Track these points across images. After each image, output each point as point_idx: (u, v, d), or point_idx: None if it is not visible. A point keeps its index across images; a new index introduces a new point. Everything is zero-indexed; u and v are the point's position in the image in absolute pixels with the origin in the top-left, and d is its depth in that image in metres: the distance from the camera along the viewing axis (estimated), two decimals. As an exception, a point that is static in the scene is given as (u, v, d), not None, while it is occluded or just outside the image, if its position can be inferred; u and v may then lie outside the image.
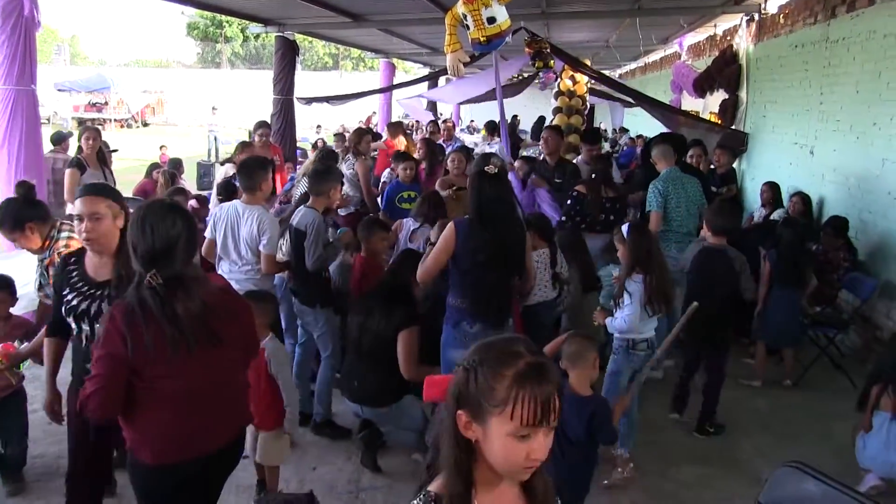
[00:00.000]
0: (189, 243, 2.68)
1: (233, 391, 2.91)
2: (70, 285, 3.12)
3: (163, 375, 2.58)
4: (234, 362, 2.88)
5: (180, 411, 2.65)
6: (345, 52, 52.16)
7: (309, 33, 14.10)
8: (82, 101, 36.31)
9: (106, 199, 3.10)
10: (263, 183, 4.87)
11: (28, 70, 6.48)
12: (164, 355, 2.53)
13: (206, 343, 2.62)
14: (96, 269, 3.14)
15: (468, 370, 1.57)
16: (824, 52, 7.76)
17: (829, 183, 7.50)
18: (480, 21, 5.55)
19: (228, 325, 2.74)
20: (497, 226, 3.92)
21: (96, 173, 7.17)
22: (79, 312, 3.09)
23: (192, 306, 2.59)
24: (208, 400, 2.73)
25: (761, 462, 4.72)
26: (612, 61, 21.50)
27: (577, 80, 10.55)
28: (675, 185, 6.08)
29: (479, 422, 1.56)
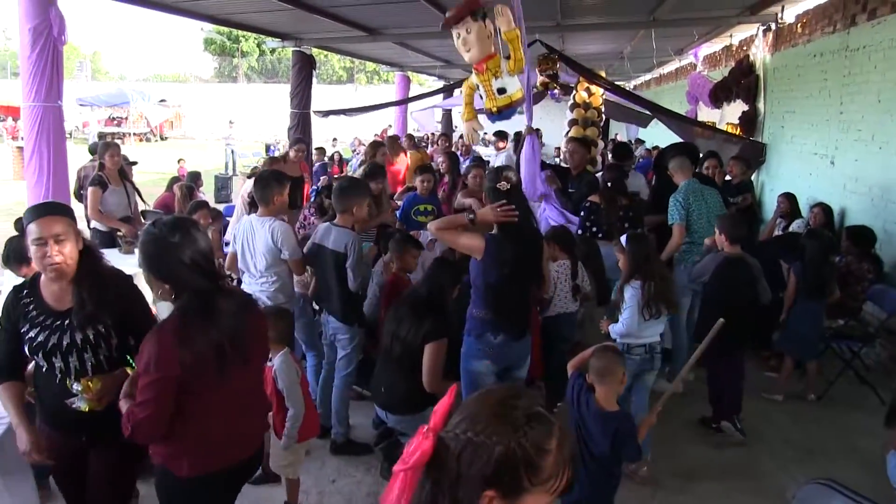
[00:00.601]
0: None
1: (259, 399, 2.99)
2: (28, 320, 2.87)
3: (209, 388, 2.62)
4: (260, 370, 3.00)
5: (219, 421, 2.70)
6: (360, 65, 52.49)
7: (325, 47, 14.19)
8: (103, 115, 36.66)
9: (64, 217, 2.87)
10: (277, 196, 4.89)
11: (55, 86, 6.57)
12: (211, 369, 2.58)
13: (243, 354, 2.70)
14: (56, 297, 2.90)
15: (514, 447, 1.34)
16: (844, 61, 7.70)
17: (851, 193, 7.43)
18: (491, 92, 5.63)
19: (256, 337, 2.82)
20: (518, 240, 4.00)
21: (118, 189, 7.22)
22: (49, 348, 2.85)
23: (234, 319, 2.67)
24: (242, 409, 2.80)
25: (785, 477, 4.67)
26: (626, 73, 21.46)
27: (593, 92, 10.52)
28: (696, 196, 6.04)
29: (509, 500, 1.37)
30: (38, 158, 6.65)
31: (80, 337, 2.86)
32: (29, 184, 6.75)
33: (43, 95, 6.52)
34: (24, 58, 6.50)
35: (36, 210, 2.86)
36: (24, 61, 6.51)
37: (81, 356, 2.89)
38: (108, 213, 7.11)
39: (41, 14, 6.43)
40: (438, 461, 1.37)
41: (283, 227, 4.83)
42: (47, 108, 6.58)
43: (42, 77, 6.44)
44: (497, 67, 5.58)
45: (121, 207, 7.23)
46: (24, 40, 6.44)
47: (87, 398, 2.86)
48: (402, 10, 9.75)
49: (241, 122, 26.89)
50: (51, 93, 6.56)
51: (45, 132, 6.62)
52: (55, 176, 6.76)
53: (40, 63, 6.41)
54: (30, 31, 6.39)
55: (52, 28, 6.37)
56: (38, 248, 2.76)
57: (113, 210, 7.15)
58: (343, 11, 9.96)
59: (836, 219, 7.45)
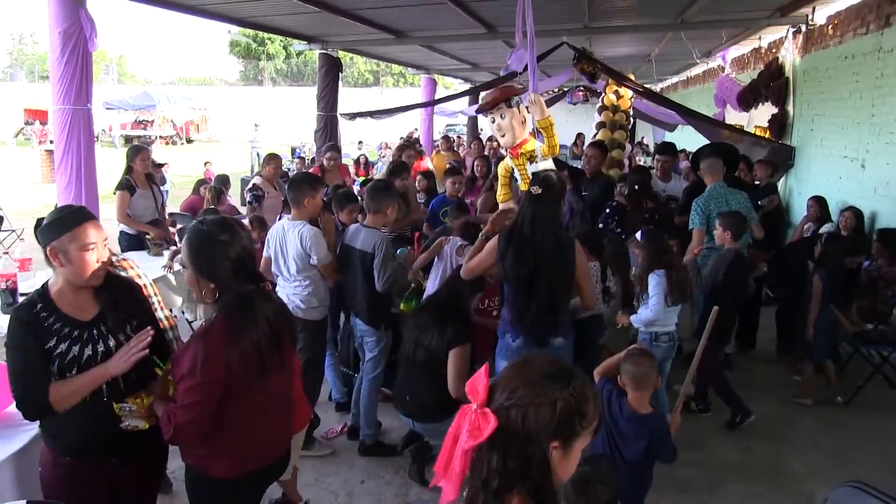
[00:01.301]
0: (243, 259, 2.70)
1: (289, 399, 2.99)
2: (54, 334, 2.64)
3: (249, 389, 2.64)
4: (292, 371, 2.97)
5: (255, 423, 2.74)
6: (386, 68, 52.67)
7: (351, 50, 14.22)
8: (129, 118, 37.11)
9: (99, 223, 2.80)
10: (308, 199, 4.86)
11: (84, 90, 6.62)
12: (253, 371, 2.61)
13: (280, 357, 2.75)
14: (78, 308, 2.73)
15: (570, 400, 1.57)
16: (877, 63, 7.61)
17: (882, 197, 7.33)
18: (526, 175, 5.68)
19: (289, 339, 2.88)
20: (525, 244, 4.01)
21: (145, 192, 7.28)
22: (84, 361, 2.67)
23: (273, 322, 2.70)
24: (276, 411, 2.84)
25: (814, 481, 4.62)
26: (653, 75, 21.35)
27: (622, 95, 10.48)
28: (717, 201, 5.99)
29: (566, 448, 1.59)
30: (68, 161, 6.71)
31: (113, 344, 2.74)
32: (59, 187, 6.81)
33: (73, 98, 6.57)
34: (53, 61, 6.56)
35: (81, 214, 2.73)
36: (53, 64, 6.57)
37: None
38: (135, 217, 7.17)
39: (71, 17, 6.47)
40: (503, 430, 1.54)
41: (312, 231, 4.80)
42: (77, 111, 6.64)
43: (72, 80, 6.50)
44: (532, 152, 5.63)
45: (149, 211, 7.30)
46: (54, 44, 6.49)
47: (141, 415, 2.73)
48: (428, 12, 9.77)
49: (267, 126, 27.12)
50: (80, 96, 6.62)
51: (74, 135, 6.67)
52: (86, 179, 6.82)
53: (70, 66, 6.47)
54: (60, 35, 6.44)
55: (82, 30, 6.43)
56: (91, 252, 2.66)
57: (141, 213, 7.22)
58: (369, 14, 10.00)
59: (867, 223, 7.37)
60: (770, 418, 5.58)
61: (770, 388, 6.19)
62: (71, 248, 2.62)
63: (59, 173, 6.78)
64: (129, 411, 2.72)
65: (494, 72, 17.14)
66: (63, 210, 2.78)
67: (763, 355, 7.03)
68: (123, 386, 2.74)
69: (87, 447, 2.72)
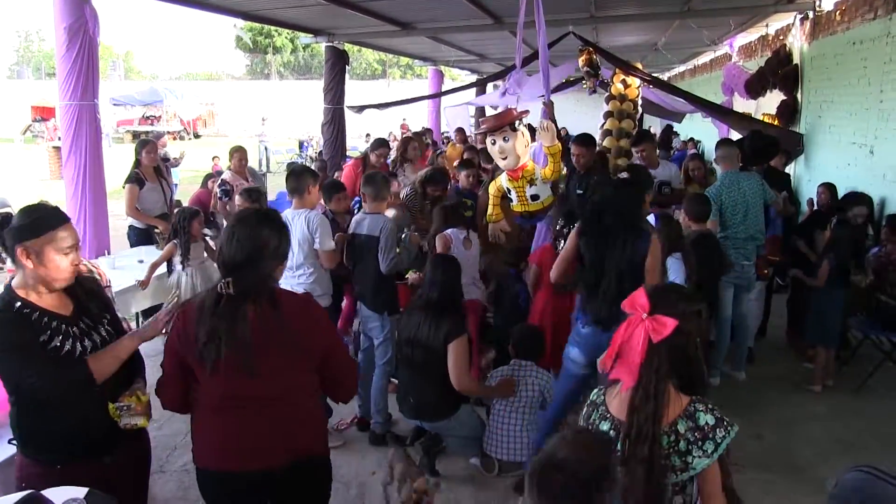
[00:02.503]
0: (274, 256, 2.63)
1: (284, 410, 2.66)
2: (45, 328, 2.56)
3: (203, 380, 2.61)
4: (285, 392, 2.66)
5: (214, 420, 2.65)
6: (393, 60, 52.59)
7: (358, 42, 14.20)
8: (136, 114, 37.15)
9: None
10: (310, 187, 5.00)
11: (91, 85, 6.63)
12: (204, 361, 2.55)
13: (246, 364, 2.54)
14: (57, 304, 2.66)
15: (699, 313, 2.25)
16: (885, 49, 7.56)
17: (891, 183, 7.30)
18: (524, 197, 5.73)
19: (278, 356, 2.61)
20: (594, 233, 4.09)
21: (154, 186, 7.34)
22: (77, 356, 2.63)
23: (245, 328, 2.52)
24: (247, 416, 2.61)
25: (824, 468, 4.62)
26: (661, 64, 21.26)
27: (629, 84, 10.44)
28: (729, 189, 5.97)
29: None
30: (75, 157, 6.74)
31: (98, 339, 2.71)
32: (66, 182, 6.84)
33: (79, 94, 6.59)
34: (59, 57, 6.58)
35: (59, 215, 2.64)
36: (59, 60, 6.59)
37: None
38: (144, 211, 7.21)
39: (76, 12, 6.51)
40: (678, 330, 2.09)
41: (319, 216, 4.94)
42: (83, 106, 6.65)
43: (78, 75, 6.52)
44: (532, 175, 5.68)
45: (158, 205, 7.35)
46: (60, 39, 6.51)
47: (139, 412, 2.74)
48: (435, 3, 9.76)
49: (274, 119, 27.09)
50: (87, 91, 6.64)
51: (81, 131, 6.70)
52: (93, 174, 6.85)
53: (76, 61, 6.49)
54: (65, 30, 6.46)
55: (87, 25, 6.45)
56: (69, 254, 2.60)
57: (150, 207, 7.25)
58: (376, 6, 9.98)
59: (876, 209, 7.34)
60: (781, 405, 5.59)
61: (781, 375, 6.19)
62: (47, 249, 2.54)
63: (67, 169, 6.81)
64: (127, 409, 2.71)
65: (502, 63, 17.13)
66: (39, 210, 2.65)
67: (774, 343, 7.02)
68: (112, 385, 2.71)
69: (78, 452, 2.67)
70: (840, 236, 5.88)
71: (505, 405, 4.60)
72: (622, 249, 3.99)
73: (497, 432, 4.58)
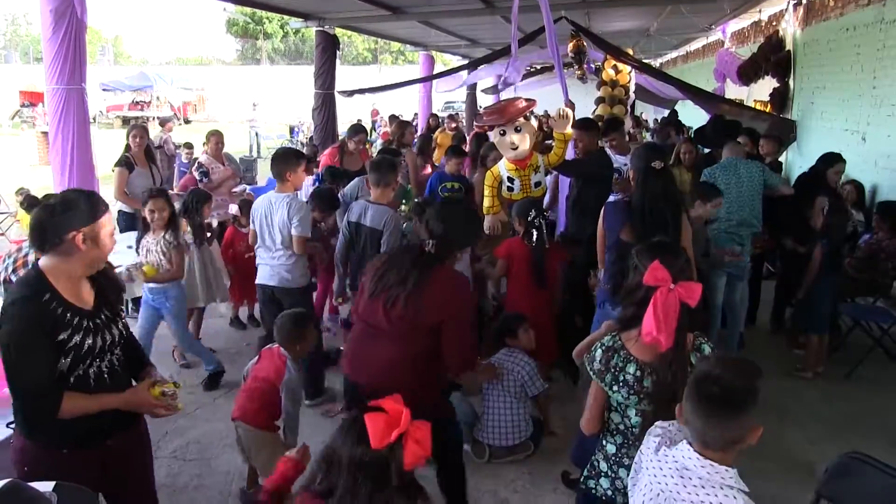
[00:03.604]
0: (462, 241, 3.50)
1: (402, 350, 3.26)
2: (66, 325, 2.54)
3: (361, 305, 3.46)
4: (415, 330, 3.24)
5: (355, 338, 3.51)
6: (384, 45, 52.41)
7: (348, 27, 14.09)
8: (126, 100, 36.93)
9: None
10: (290, 173, 5.00)
11: (78, 69, 6.52)
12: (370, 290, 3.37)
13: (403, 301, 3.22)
14: (79, 296, 2.64)
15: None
16: (878, 35, 7.54)
17: (883, 170, 7.30)
18: (529, 185, 5.73)
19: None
20: (652, 218, 4.08)
21: (144, 171, 7.29)
22: (97, 351, 2.64)
23: (426, 277, 3.24)
24: (376, 343, 3.34)
25: (815, 453, 4.62)
26: (653, 50, 21.21)
27: (620, 70, 10.42)
28: (725, 171, 5.96)
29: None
30: (62, 142, 6.62)
31: (116, 334, 2.75)
32: (54, 167, 6.72)
33: (66, 78, 6.47)
34: (45, 40, 6.44)
35: (104, 201, 2.70)
36: (45, 44, 6.46)
37: (112, 358, 2.76)
38: (133, 195, 7.16)
39: (62, -5, 6.38)
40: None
41: (300, 203, 4.98)
42: (71, 90, 6.54)
43: (65, 59, 6.39)
44: (537, 163, 5.70)
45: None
46: (46, 22, 6.38)
47: (176, 397, 2.86)
48: (425, -13, 9.69)
49: (265, 105, 26.98)
50: (74, 75, 6.51)
51: (69, 115, 6.58)
52: (80, 159, 6.73)
53: (63, 45, 6.36)
54: (51, 13, 6.32)
55: (74, 7, 6.33)
56: (111, 239, 2.68)
57: (139, 192, 7.16)
58: (366, -10, 9.91)
59: (868, 196, 7.34)
60: (771, 391, 5.58)
61: (771, 361, 6.19)
62: (102, 234, 2.61)
63: (54, 154, 6.70)
64: (171, 395, 2.82)
65: (492, 47, 17.02)
66: (89, 196, 2.66)
67: (763, 329, 7.03)
68: (119, 367, 2.77)
69: (87, 435, 2.67)
70: (833, 222, 5.86)
71: (494, 391, 4.60)
72: (670, 233, 4.05)
73: (488, 418, 4.59)
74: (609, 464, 2.70)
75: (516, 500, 4.22)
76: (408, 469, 2.04)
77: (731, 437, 2.00)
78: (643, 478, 2.20)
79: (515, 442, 4.52)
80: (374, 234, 4.90)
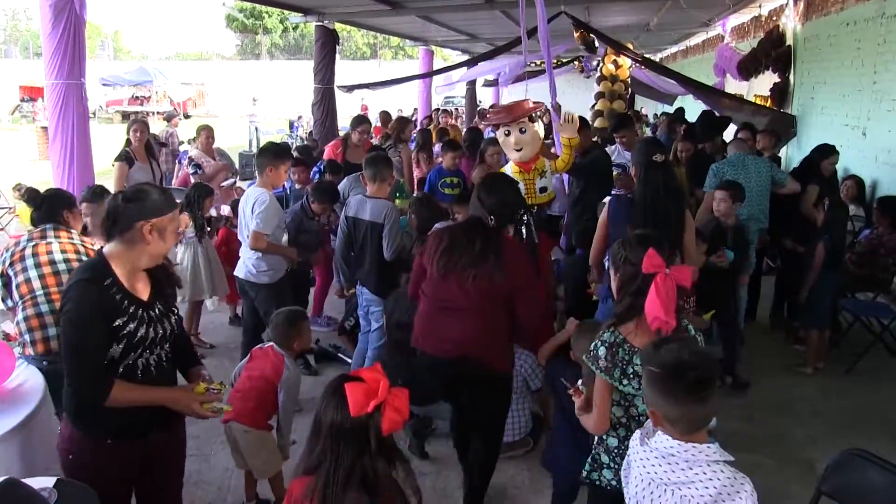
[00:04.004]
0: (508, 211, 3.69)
1: (474, 321, 3.46)
2: (123, 312, 2.58)
3: (431, 281, 3.63)
4: (486, 300, 3.45)
5: (426, 314, 3.64)
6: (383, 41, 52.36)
7: (348, 22, 14.06)
8: (125, 95, 36.89)
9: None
10: (271, 169, 5.04)
11: (77, 64, 6.48)
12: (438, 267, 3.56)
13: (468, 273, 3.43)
14: (135, 286, 2.69)
15: None
16: (879, 29, 7.52)
17: (883, 165, 7.29)
18: (533, 190, 5.67)
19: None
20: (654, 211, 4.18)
21: (144, 166, 7.27)
22: (148, 342, 2.67)
23: (495, 248, 3.46)
24: (448, 316, 3.53)
25: (815, 450, 4.62)
26: (653, 45, 21.18)
27: (620, 65, 10.40)
28: (734, 167, 6.01)
29: None
30: (62, 137, 6.59)
31: (168, 328, 2.78)
32: (53, 163, 6.69)
33: (66, 73, 6.44)
34: (44, 35, 6.40)
35: (172, 195, 2.78)
36: (45, 38, 6.42)
37: (162, 352, 2.80)
38: (132, 190, 7.12)
39: (61, -11, 6.34)
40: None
41: (266, 198, 4.95)
42: (70, 85, 6.51)
43: (64, 54, 6.36)
44: (542, 167, 5.65)
45: (146, 185, 7.26)
46: (45, 17, 6.35)
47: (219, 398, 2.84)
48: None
49: (265, 100, 26.92)
50: (73, 70, 6.48)
51: (68, 110, 6.55)
52: (80, 154, 6.70)
53: (62, 40, 6.33)
54: (51, 8, 6.29)
55: (73, 2, 6.29)
56: (175, 230, 2.75)
57: (137, 187, 7.17)
58: (365, -16, 9.88)
59: (868, 191, 7.33)
60: (772, 387, 5.59)
61: (771, 356, 6.19)
62: (170, 227, 2.68)
63: (54, 149, 6.68)
64: (216, 393, 2.81)
65: (493, 43, 16.99)
66: (161, 190, 2.77)
67: (764, 325, 7.02)
68: (166, 362, 2.82)
69: (130, 428, 2.69)
70: (834, 218, 5.85)
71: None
72: (673, 226, 4.17)
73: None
74: (611, 456, 2.75)
75: (515, 496, 4.21)
76: (385, 434, 2.12)
77: (708, 414, 2.13)
78: (633, 470, 2.28)
79: (515, 438, 4.51)
80: (375, 227, 4.88)
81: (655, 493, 2.16)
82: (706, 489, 2.07)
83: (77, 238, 4.01)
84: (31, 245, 3.84)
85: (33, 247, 3.83)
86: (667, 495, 2.12)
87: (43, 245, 3.84)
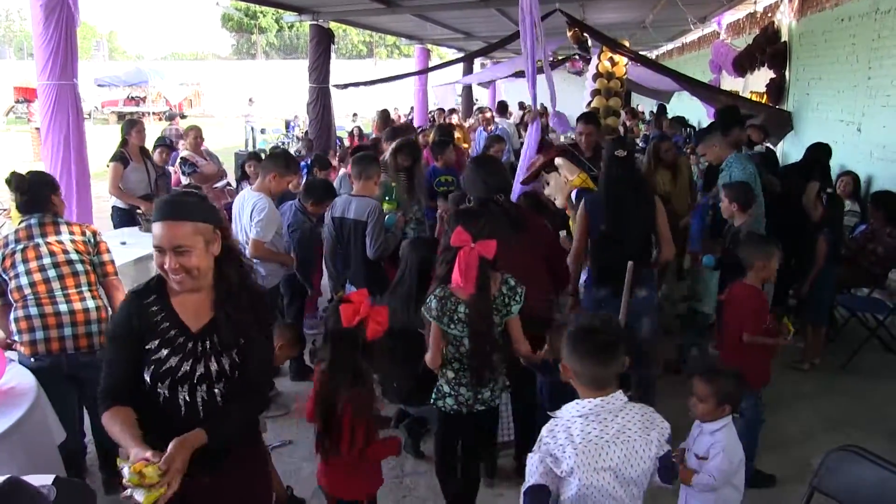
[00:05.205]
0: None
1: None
2: (159, 335, 2.32)
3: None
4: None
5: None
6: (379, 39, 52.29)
7: (343, 20, 14.03)
8: (121, 95, 36.82)
9: (190, 224, 2.28)
10: (276, 176, 5.01)
11: (70, 65, 6.45)
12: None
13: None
14: (191, 312, 2.39)
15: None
16: (873, 25, 7.52)
17: (878, 161, 7.29)
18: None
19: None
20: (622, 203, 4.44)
21: (139, 166, 7.23)
22: (179, 376, 2.31)
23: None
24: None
25: (810, 446, 4.62)
26: (649, 42, 21.15)
27: (616, 62, 10.38)
28: (743, 169, 5.93)
29: None
30: (54, 138, 6.55)
31: (215, 368, 2.37)
32: (46, 165, 6.62)
33: (58, 73, 6.40)
34: (36, 35, 6.38)
35: (162, 208, 2.31)
36: (36, 38, 6.40)
37: (212, 390, 2.38)
38: (128, 191, 7.13)
39: (52, -12, 6.31)
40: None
41: (265, 204, 4.88)
42: (62, 86, 6.47)
43: (56, 54, 6.32)
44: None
45: (141, 185, 7.23)
46: (36, 17, 6.31)
47: (145, 486, 2.00)
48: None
49: (261, 99, 26.90)
50: (66, 70, 6.45)
51: (61, 111, 6.52)
52: (75, 156, 6.67)
53: (53, 40, 6.29)
54: (41, 7, 6.24)
55: (65, 1, 6.26)
56: (157, 254, 2.30)
57: (133, 187, 7.16)
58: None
59: (863, 187, 7.32)
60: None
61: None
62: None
63: (46, 150, 6.63)
64: (129, 476, 2.01)
65: (488, 40, 16.97)
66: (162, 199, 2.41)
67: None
68: (209, 401, 2.38)
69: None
70: (834, 214, 5.84)
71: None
72: (641, 217, 4.47)
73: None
74: (451, 386, 3.45)
75: (512, 495, 4.20)
76: (369, 339, 3.01)
77: (618, 369, 2.42)
78: (568, 450, 2.35)
79: (513, 437, 4.48)
80: (359, 225, 4.89)
81: (602, 453, 2.33)
82: (636, 426, 2.38)
83: (64, 229, 3.91)
84: (20, 249, 3.79)
85: (22, 251, 3.77)
86: (613, 449, 2.34)
87: (31, 250, 3.77)
